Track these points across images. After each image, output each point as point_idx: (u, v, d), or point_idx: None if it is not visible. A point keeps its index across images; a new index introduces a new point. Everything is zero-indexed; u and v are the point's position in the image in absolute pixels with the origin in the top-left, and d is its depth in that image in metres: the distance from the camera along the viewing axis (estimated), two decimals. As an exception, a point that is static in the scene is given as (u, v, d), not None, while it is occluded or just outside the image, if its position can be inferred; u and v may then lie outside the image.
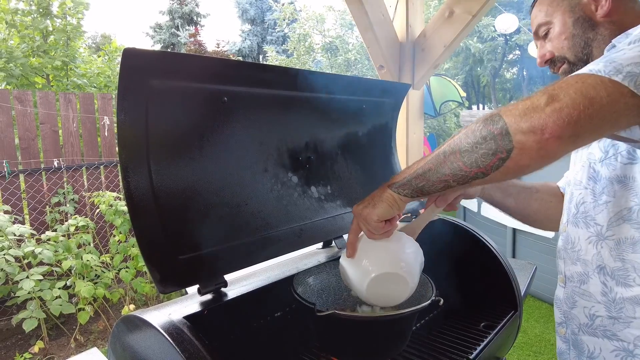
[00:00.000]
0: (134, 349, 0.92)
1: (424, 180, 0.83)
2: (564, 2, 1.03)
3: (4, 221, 3.30)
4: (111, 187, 4.60)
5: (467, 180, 0.77)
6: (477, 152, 0.74)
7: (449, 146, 0.78)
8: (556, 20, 1.04)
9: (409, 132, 2.92)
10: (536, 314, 4.00)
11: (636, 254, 0.93)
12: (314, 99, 1.29)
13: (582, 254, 1.04)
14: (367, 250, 0.99)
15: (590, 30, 1.00)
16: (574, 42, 1.02)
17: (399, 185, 0.88)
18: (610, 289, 0.98)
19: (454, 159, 0.77)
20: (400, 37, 2.78)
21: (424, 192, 0.84)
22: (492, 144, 0.72)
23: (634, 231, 0.93)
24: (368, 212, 0.91)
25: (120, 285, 3.97)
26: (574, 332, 1.08)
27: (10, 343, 3.67)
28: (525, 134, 0.69)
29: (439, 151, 0.80)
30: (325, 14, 12.35)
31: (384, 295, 1.01)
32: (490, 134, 0.72)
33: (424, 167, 0.82)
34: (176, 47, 20.89)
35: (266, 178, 1.19)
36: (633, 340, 0.95)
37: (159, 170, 0.93)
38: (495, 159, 0.72)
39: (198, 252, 0.98)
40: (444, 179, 0.79)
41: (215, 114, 1.03)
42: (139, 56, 0.83)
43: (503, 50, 19.20)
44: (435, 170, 0.80)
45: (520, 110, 0.71)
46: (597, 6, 0.99)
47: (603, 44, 0.96)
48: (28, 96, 4.11)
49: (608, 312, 0.99)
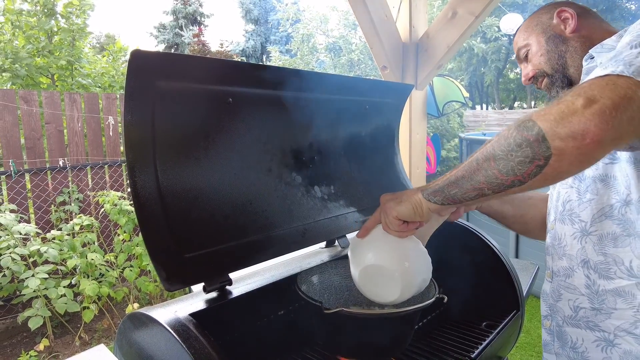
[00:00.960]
0: (140, 345, 0.94)
1: (456, 188, 0.82)
2: (537, 26, 1.18)
3: (10, 220, 3.33)
4: (115, 187, 4.63)
5: (503, 188, 0.76)
6: (513, 159, 0.72)
7: (482, 153, 0.77)
8: (532, 41, 1.19)
9: (412, 132, 2.93)
10: (538, 314, 3.98)
11: (617, 249, 0.98)
12: (318, 100, 1.30)
13: (568, 249, 1.08)
14: (376, 240, 1.01)
15: (562, 44, 1.13)
16: (549, 57, 1.15)
17: (430, 191, 0.87)
18: (593, 282, 1.02)
19: (488, 166, 0.75)
20: (403, 38, 2.79)
21: (456, 200, 0.83)
22: (528, 151, 0.70)
23: (615, 227, 0.98)
24: (390, 206, 0.93)
25: (124, 284, 4.00)
26: (558, 324, 1.13)
27: (16, 341, 3.70)
28: (564, 139, 0.67)
29: (471, 158, 0.79)
30: (329, 14, 12.37)
31: (372, 287, 1.03)
32: (526, 141, 0.70)
33: (457, 175, 0.81)
34: (180, 47, 20.95)
35: (270, 178, 1.20)
36: (613, 331, 0.99)
37: (165, 170, 0.94)
38: (533, 166, 0.71)
39: (203, 251, 1.00)
40: (478, 187, 0.78)
41: (220, 114, 1.05)
42: (146, 58, 0.85)
43: (507, 50, 19.15)
44: (469, 177, 0.79)
45: (556, 115, 0.69)
46: (565, 25, 1.13)
47: (575, 54, 1.11)
48: (34, 96, 4.14)
49: (591, 303, 1.03)
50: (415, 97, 2.90)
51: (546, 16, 1.17)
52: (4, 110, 3.90)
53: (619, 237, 0.97)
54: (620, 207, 0.96)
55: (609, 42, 1.00)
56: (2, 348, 3.59)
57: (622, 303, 0.97)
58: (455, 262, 1.37)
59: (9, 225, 3.29)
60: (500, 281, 1.43)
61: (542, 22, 1.18)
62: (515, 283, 1.41)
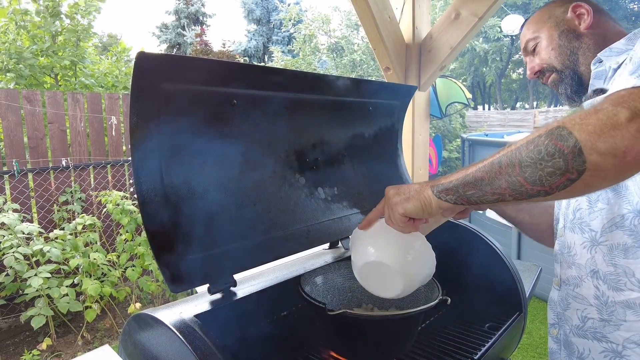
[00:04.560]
0: (145, 346, 0.94)
1: (473, 189, 0.76)
2: (550, 19, 1.14)
3: (13, 219, 3.35)
4: (118, 186, 4.64)
5: (526, 197, 0.71)
6: (542, 169, 0.66)
7: (506, 156, 0.71)
8: (543, 34, 1.14)
9: (415, 133, 2.93)
10: (541, 315, 3.99)
11: (628, 260, 0.95)
12: (322, 101, 1.31)
13: (577, 258, 1.06)
14: (378, 233, 0.97)
15: (575, 40, 1.09)
16: (560, 52, 1.11)
17: (442, 188, 0.81)
18: (602, 293, 1.00)
19: (512, 172, 0.70)
20: (406, 39, 2.79)
21: (472, 201, 0.78)
22: (560, 163, 0.65)
23: (627, 238, 0.95)
24: (397, 201, 0.86)
25: (126, 283, 4.01)
26: (565, 334, 1.11)
27: (19, 340, 3.71)
28: (603, 155, 0.62)
29: (492, 160, 0.74)
30: (331, 14, 12.37)
31: (374, 282, 1.01)
32: (559, 152, 0.64)
33: (475, 175, 0.75)
34: (182, 47, 20.98)
35: (274, 179, 1.21)
36: (622, 342, 0.97)
37: (170, 172, 0.95)
38: (564, 179, 0.65)
39: (208, 252, 1.00)
40: (499, 192, 0.73)
41: (225, 116, 1.05)
42: (151, 60, 0.85)
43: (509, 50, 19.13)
44: (489, 181, 0.73)
45: (595, 126, 0.63)
46: (579, 20, 1.09)
47: (588, 52, 1.07)
48: (37, 96, 4.15)
49: (600, 314, 1.01)
50: (418, 98, 2.90)
51: (560, 10, 1.13)
52: (7, 110, 3.92)
53: (630, 248, 0.94)
54: (633, 217, 0.94)
55: (618, 45, 0.98)
56: (5, 347, 3.60)
57: (632, 315, 0.95)
58: (457, 263, 1.38)
59: (12, 225, 3.30)
60: (502, 283, 1.43)
61: (555, 15, 1.13)
62: (517, 285, 1.41)
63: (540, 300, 4.24)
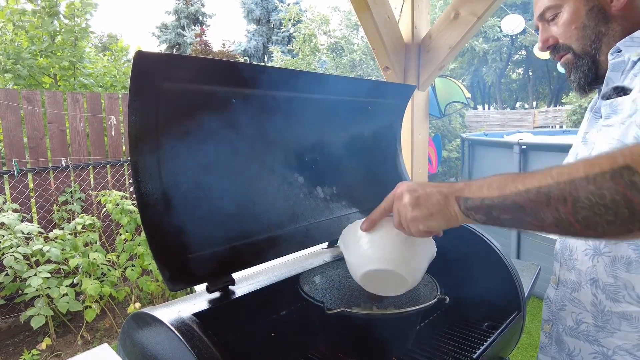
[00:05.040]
0: (144, 345, 0.94)
1: (510, 215, 0.66)
2: None
3: (13, 219, 3.35)
4: (117, 186, 4.64)
5: (571, 234, 0.63)
6: (601, 216, 0.57)
7: (558, 189, 0.60)
8: (568, 5, 0.98)
9: (414, 133, 2.93)
10: (540, 315, 3.98)
11: (630, 274, 0.93)
12: (321, 101, 1.31)
13: (578, 263, 1.04)
14: (382, 237, 0.92)
15: (603, 24, 0.96)
16: (584, 33, 0.98)
17: (472, 205, 0.72)
18: (600, 302, 0.99)
19: (563, 209, 0.60)
20: (405, 39, 2.79)
21: (504, 225, 0.70)
22: (626, 214, 0.55)
23: (631, 252, 0.92)
24: (418, 217, 0.77)
25: (126, 283, 4.01)
26: (558, 332, 1.11)
27: (18, 340, 3.71)
28: None
29: (540, 186, 0.63)
30: (331, 14, 12.36)
31: (375, 285, 0.98)
32: (627, 201, 0.55)
33: (516, 200, 0.65)
34: (182, 47, 20.99)
35: (273, 178, 1.21)
36: (613, 348, 0.97)
37: (169, 171, 0.95)
38: (624, 229, 0.57)
39: (207, 251, 1.00)
40: (539, 225, 0.64)
41: (224, 115, 1.05)
42: (150, 59, 0.85)
43: (509, 50, 19.13)
44: (532, 211, 0.63)
45: None
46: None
47: (613, 41, 0.95)
48: (36, 96, 4.15)
49: (595, 321, 1.00)
50: (417, 98, 2.90)
51: None
52: (7, 110, 3.92)
53: (634, 262, 0.92)
54: None
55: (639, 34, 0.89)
56: (4, 347, 3.60)
57: (628, 326, 0.94)
58: (456, 262, 1.38)
59: (12, 225, 3.30)
60: (501, 282, 1.43)
61: None
62: (516, 284, 1.41)
63: (540, 300, 4.24)
